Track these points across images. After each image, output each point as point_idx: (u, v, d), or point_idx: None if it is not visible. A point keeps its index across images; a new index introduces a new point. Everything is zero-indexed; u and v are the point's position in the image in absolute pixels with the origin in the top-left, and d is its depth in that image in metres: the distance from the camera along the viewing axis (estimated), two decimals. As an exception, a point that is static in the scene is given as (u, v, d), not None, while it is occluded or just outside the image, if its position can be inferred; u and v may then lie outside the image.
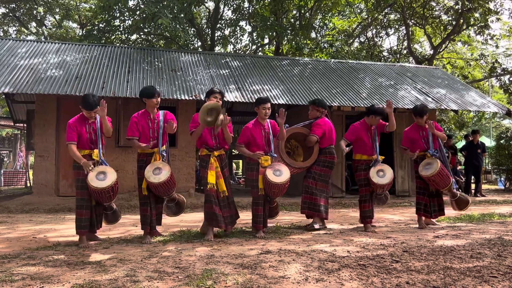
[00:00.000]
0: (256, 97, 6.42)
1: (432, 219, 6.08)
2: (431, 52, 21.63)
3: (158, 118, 4.99)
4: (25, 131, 14.41)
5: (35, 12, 22.25)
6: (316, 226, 5.63)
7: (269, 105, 5.38)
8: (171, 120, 4.95)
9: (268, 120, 5.44)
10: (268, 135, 5.34)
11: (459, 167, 12.90)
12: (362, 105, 10.31)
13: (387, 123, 5.84)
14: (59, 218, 7.23)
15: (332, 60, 14.92)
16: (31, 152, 17.59)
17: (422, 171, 5.71)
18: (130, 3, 16.24)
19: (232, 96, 9.82)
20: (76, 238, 4.82)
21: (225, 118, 4.99)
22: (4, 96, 12.28)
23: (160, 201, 5.06)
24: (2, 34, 22.15)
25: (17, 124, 15.82)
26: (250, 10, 19.53)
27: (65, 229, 5.95)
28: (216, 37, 20.32)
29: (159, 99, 5.00)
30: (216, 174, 5.02)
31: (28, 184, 14.88)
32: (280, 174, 5.10)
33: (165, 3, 12.98)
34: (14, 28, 23.92)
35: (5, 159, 23.83)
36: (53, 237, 5.30)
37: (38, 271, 3.50)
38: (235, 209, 5.29)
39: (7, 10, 21.84)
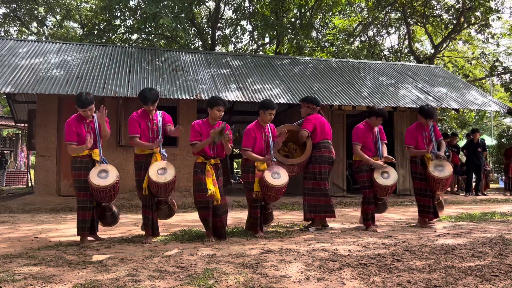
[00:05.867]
0: (257, 97, 6.42)
1: (435, 219, 6.07)
2: (432, 51, 21.61)
3: (157, 118, 4.97)
4: (26, 131, 14.45)
5: (36, 12, 22.28)
6: (312, 229, 5.56)
7: (275, 111, 5.34)
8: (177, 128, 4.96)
9: (268, 123, 5.40)
10: (268, 138, 5.30)
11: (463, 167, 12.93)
12: (363, 104, 10.31)
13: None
14: (60, 218, 7.24)
15: (333, 59, 14.91)
16: (32, 152, 17.61)
17: (435, 172, 5.62)
18: (131, 3, 16.25)
19: (233, 95, 9.81)
20: (77, 237, 4.82)
21: (227, 134, 4.89)
22: (5, 96, 12.30)
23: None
24: (3, 34, 22.18)
25: (18, 124, 15.86)
26: (250, 10, 19.53)
27: (66, 228, 5.95)
28: (216, 37, 20.32)
29: (152, 107, 4.89)
30: (213, 181, 4.93)
31: (30, 184, 14.91)
32: (278, 177, 5.04)
33: (165, 3, 12.99)
34: (15, 28, 23.97)
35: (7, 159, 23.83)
36: (54, 237, 5.31)
37: (40, 270, 3.50)
38: (226, 219, 5.11)
39: (8, 10, 21.87)
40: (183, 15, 13.70)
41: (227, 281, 3.13)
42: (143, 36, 19.77)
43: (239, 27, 19.83)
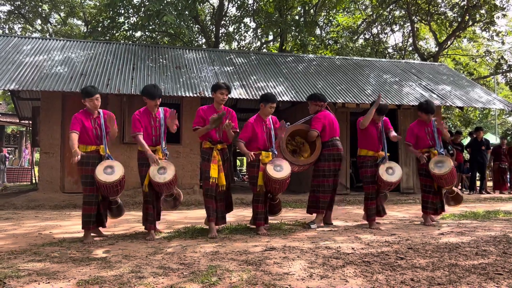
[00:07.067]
0: (261, 94, 6.43)
1: (436, 216, 6.07)
2: (436, 48, 21.53)
3: (159, 116, 5.02)
4: (30, 128, 14.48)
5: (40, 9, 22.33)
6: (314, 226, 5.58)
7: (275, 104, 5.44)
8: (173, 112, 4.96)
9: (269, 116, 5.44)
10: (269, 131, 5.33)
11: (467, 165, 12.88)
12: (367, 102, 10.27)
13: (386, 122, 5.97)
14: (64, 215, 7.27)
15: (337, 56, 14.87)
16: (36, 149, 17.68)
17: (435, 169, 5.63)
18: (135, 0, 16.26)
19: (236, 93, 9.81)
20: (81, 234, 4.84)
21: (229, 124, 4.99)
22: (9, 93, 12.34)
23: (159, 197, 5.11)
24: (7, 32, 22.25)
25: (23, 121, 15.89)
26: (254, 7, 19.50)
27: (70, 225, 5.98)
28: (220, 34, 20.30)
29: (159, 101, 5.00)
30: (218, 167, 5.04)
31: (34, 181, 14.97)
32: (280, 169, 5.09)
33: (169, 0, 12.98)
34: (19, 26, 24.06)
35: (10, 156, 23.98)
36: (58, 233, 5.33)
37: (44, 267, 3.52)
38: (230, 204, 5.37)
39: (13, 8, 21.92)
40: (186, 12, 13.69)
41: (230, 278, 3.13)
42: (146, 33, 19.78)
43: (242, 25, 19.80)
